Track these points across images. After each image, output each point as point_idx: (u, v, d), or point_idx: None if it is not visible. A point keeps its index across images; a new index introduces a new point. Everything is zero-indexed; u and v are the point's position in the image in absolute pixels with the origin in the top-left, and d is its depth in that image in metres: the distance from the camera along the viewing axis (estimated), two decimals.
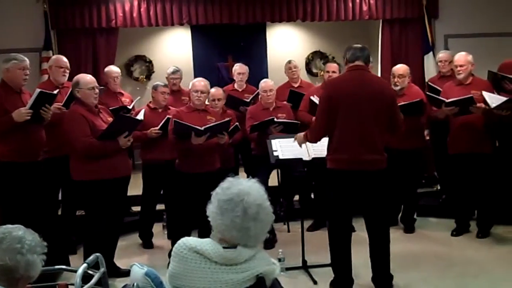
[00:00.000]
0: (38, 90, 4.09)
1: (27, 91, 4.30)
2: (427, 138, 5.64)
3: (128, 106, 5.05)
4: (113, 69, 5.33)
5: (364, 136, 3.52)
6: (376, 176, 3.58)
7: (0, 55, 4.49)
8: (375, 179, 3.58)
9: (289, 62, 5.91)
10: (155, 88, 4.96)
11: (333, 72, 5.14)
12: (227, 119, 4.49)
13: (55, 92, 4.28)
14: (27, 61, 4.21)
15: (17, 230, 1.77)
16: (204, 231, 4.28)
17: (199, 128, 4.20)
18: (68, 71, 4.67)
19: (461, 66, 4.77)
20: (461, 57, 4.81)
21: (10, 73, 4.10)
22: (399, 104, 4.01)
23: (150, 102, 5.03)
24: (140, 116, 4.29)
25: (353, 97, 3.52)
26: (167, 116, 4.70)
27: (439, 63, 5.53)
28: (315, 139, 3.82)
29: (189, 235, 4.17)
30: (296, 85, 5.80)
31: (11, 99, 4.08)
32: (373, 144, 3.55)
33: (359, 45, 3.74)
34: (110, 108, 4.58)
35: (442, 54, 5.53)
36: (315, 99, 5.00)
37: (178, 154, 4.46)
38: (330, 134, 3.65)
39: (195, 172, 4.30)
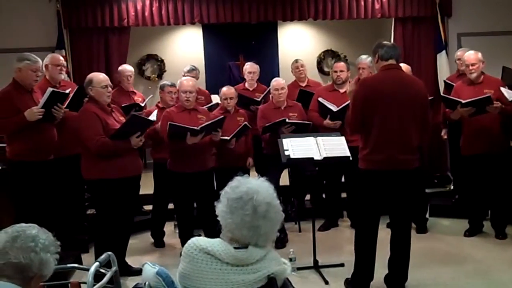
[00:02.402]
0: (50, 89, 4.10)
1: (39, 90, 4.31)
2: (445, 137, 5.59)
3: (141, 104, 5.09)
4: (127, 68, 5.39)
5: (402, 136, 3.50)
6: (411, 174, 3.58)
7: (14, 54, 4.52)
8: (409, 177, 3.58)
9: (296, 61, 5.88)
10: (162, 88, 4.98)
11: (341, 71, 5.13)
12: (221, 116, 4.50)
13: (67, 91, 4.31)
14: (40, 62, 4.22)
15: (31, 228, 1.78)
16: (210, 232, 4.30)
17: (195, 128, 4.21)
18: (64, 69, 4.70)
19: (472, 65, 4.64)
20: (472, 55, 4.68)
21: (22, 73, 4.12)
22: None
23: (158, 102, 5.06)
24: (153, 117, 4.30)
25: (392, 98, 3.46)
26: None
27: (457, 61, 5.44)
28: (351, 132, 4.14)
29: (192, 233, 4.25)
30: (303, 84, 5.77)
31: (23, 99, 4.10)
32: (410, 144, 3.54)
33: (390, 43, 3.71)
34: (123, 105, 4.60)
35: (460, 52, 5.42)
36: (324, 102, 4.99)
37: (171, 154, 4.46)
38: (365, 134, 3.58)
39: (188, 172, 4.32)
